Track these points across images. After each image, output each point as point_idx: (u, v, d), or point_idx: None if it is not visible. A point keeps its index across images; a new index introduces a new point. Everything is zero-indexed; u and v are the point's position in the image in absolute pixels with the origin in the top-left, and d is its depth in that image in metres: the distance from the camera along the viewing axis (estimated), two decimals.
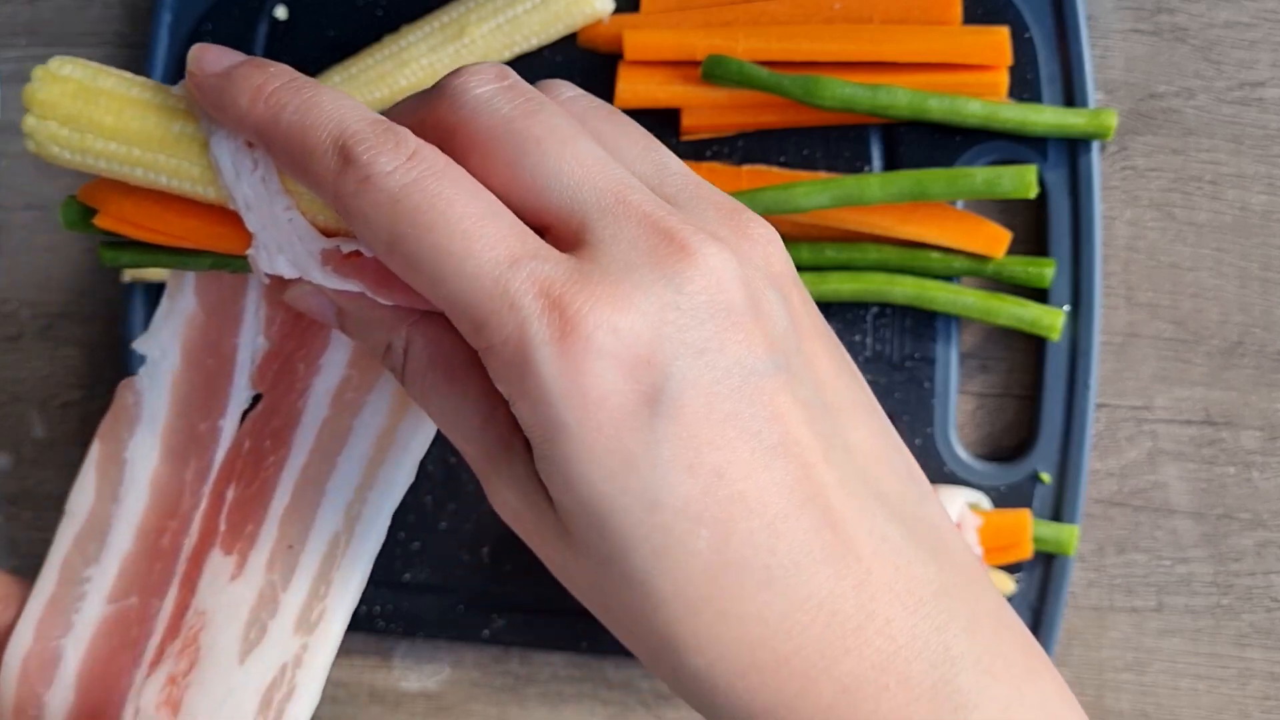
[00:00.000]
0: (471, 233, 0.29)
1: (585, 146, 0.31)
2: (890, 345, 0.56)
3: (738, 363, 0.29)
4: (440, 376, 0.32)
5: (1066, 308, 0.55)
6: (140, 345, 0.39)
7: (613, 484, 0.29)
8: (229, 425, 0.39)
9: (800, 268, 0.56)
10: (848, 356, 0.34)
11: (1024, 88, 0.55)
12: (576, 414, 0.28)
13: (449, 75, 0.32)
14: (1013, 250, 0.55)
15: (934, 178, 0.53)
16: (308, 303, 0.35)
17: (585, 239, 0.30)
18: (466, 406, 0.32)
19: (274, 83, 0.31)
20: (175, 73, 0.61)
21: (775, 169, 0.57)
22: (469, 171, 0.30)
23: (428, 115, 0.32)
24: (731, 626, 0.30)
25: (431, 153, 0.30)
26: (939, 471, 0.56)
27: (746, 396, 0.29)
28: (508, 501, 0.32)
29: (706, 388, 0.29)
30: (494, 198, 0.30)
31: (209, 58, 0.32)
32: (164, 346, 0.38)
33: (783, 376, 0.30)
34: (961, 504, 0.53)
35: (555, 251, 0.30)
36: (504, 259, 0.29)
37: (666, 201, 0.31)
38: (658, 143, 0.34)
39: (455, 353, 0.32)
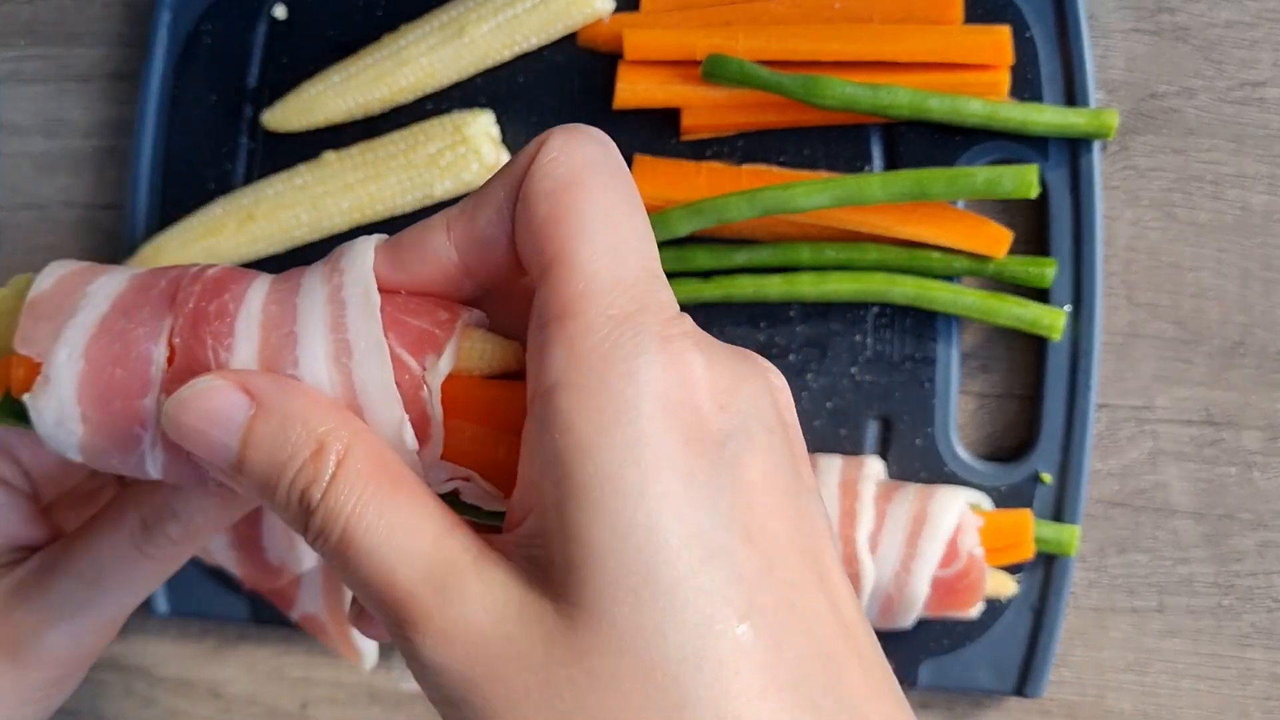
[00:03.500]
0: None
1: None
2: (891, 345, 0.56)
3: (791, 466, 0.29)
4: (383, 484, 0.28)
5: (1067, 308, 0.55)
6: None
7: (668, 510, 0.26)
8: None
9: (800, 268, 0.56)
10: None
11: (1025, 87, 0.55)
12: (654, 405, 0.26)
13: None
14: (1013, 250, 0.55)
15: (935, 177, 0.53)
16: (220, 398, 0.29)
17: None
18: (416, 521, 0.28)
19: None
20: (174, 72, 0.61)
21: (775, 169, 0.56)
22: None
23: None
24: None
25: None
26: (939, 472, 0.56)
27: (795, 504, 0.28)
28: (470, 627, 0.27)
29: (769, 466, 0.28)
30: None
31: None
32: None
33: (817, 504, 0.29)
34: (962, 504, 0.53)
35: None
36: (649, 266, 0.29)
37: None
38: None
39: (402, 468, 0.29)
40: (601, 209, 0.28)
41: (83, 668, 0.40)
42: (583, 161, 0.29)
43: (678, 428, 0.26)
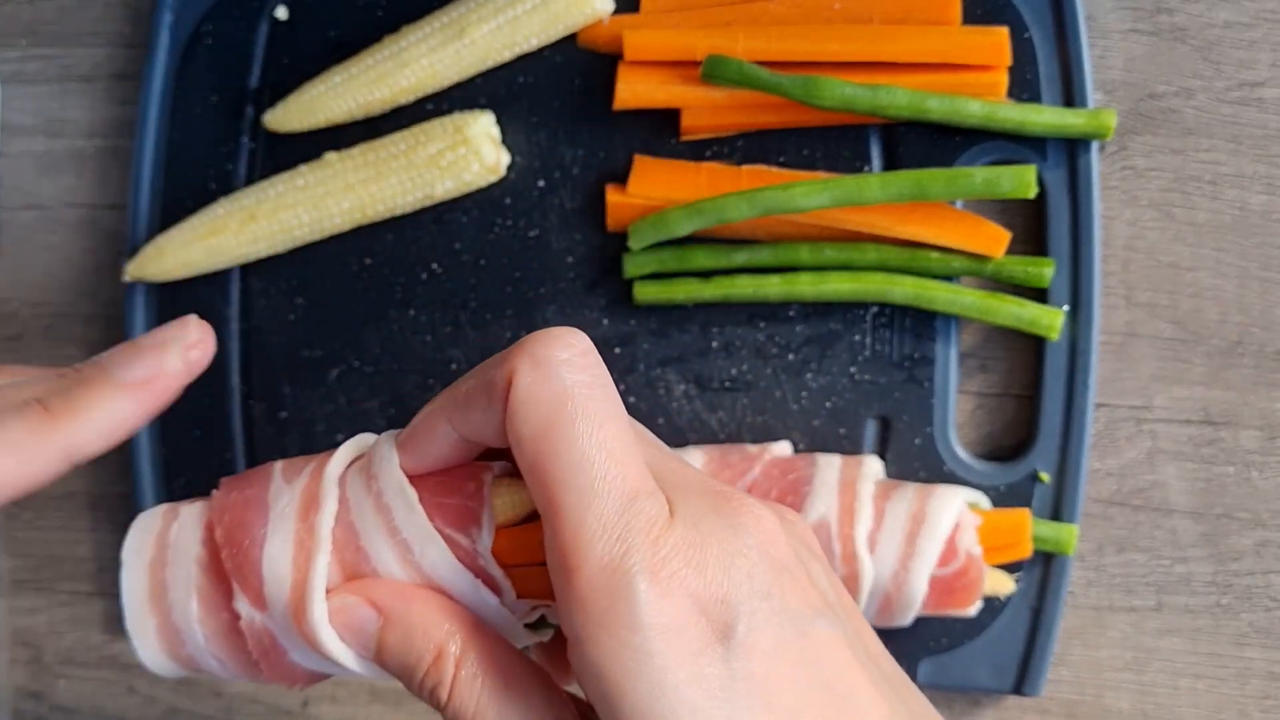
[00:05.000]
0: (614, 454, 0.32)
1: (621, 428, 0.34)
2: (890, 345, 0.56)
3: (799, 612, 0.32)
4: (497, 684, 0.33)
5: (1066, 307, 0.55)
6: None
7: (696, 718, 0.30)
8: None
9: (800, 268, 0.56)
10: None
11: (1023, 88, 0.55)
12: (661, 643, 0.30)
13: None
14: (1012, 250, 0.55)
15: (933, 178, 0.53)
16: (354, 614, 0.35)
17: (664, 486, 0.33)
18: (531, 712, 0.33)
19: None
20: (176, 73, 0.61)
21: (775, 169, 0.57)
22: None
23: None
24: None
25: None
26: (938, 471, 0.56)
27: (812, 645, 0.32)
28: None
29: (775, 630, 0.31)
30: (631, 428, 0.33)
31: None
32: None
33: (840, 633, 0.32)
34: (961, 503, 0.53)
35: (659, 493, 0.32)
36: (629, 491, 0.32)
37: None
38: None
39: (512, 661, 0.34)
40: (578, 450, 0.32)
41: None
42: (551, 399, 0.32)
43: (687, 652, 0.30)
